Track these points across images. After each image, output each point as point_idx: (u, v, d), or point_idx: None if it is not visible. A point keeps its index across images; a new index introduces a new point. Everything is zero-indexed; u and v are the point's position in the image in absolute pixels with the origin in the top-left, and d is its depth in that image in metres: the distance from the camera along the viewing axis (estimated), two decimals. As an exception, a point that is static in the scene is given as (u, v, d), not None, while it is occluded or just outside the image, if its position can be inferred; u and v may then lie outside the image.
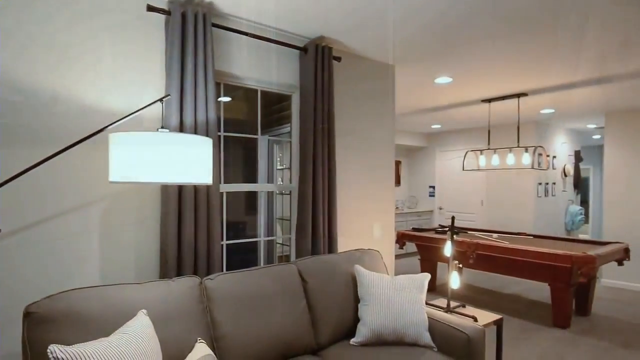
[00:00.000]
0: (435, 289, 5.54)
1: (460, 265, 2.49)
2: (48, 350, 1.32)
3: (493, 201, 7.50)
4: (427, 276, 2.51)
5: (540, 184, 7.07)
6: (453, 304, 3.00)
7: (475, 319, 2.75)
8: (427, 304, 2.79)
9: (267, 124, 4.43)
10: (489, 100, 5.18)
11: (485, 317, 2.85)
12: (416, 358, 2.17)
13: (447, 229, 5.97)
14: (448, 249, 2.90)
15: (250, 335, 2.04)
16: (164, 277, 2.21)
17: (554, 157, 7.51)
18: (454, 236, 5.04)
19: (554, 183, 7.50)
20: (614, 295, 5.40)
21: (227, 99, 4.82)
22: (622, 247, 4.33)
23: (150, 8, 2.20)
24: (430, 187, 8.64)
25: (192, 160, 1.69)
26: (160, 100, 1.87)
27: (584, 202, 11.42)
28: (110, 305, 1.73)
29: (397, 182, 8.92)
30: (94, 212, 2.11)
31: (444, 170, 8.40)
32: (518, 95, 4.86)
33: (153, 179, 1.60)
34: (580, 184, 8.47)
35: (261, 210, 4.44)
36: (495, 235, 5.36)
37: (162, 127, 1.83)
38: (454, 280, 2.80)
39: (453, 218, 2.78)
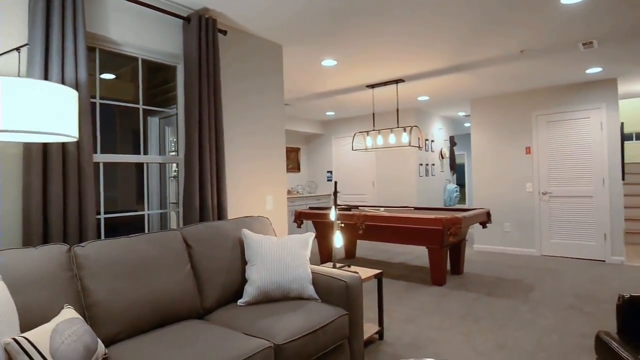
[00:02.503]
0: (330, 264, 5.83)
1: (342, 225, 2.68)
2: None
3: (382, 182, 8.11)
4: (311, 235, 2.66)
5: (421, 164, 7.80)
6: (339, 264, 3.20)
7: (357, 273, 2.98)
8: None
9: (157, 104, 4.25)
10: (372, 86, 5.58)
11: (367, 272, 3.11)
12: (298, 308, 2.30)
13: (341, 205, 6.27)
14: (333, 213, 3.09)
15: (126, 302, 1.97)
16: (26, 245, 2.04)
17: (432, 141, 8.33)
18: (347, 211, 5.34)
19: (433, 164, 8.34)
20: (483, 257, 6.21)
21: (112, 76, 4.51)
22: (485, 211, 5.00)
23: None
24: (328, 172, 9.01)
25: (53, 110, 1.59)
26: (17, 49, 1.72)
27: (462, 186, 12.83)
28: (-42, 272, 1.57)
29: (297, 168, 9.14)
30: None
31: (340, 156, 8.83)
32: (396, 81, 5.32)
33: (6, 127, 1.48)
34: (455, 166, 9.51)
35: (152, 195, 4.24)
36: (382, 209, 5.79)
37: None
38: (338, 240, 3.01)
39: (335, 183, 2.98)
